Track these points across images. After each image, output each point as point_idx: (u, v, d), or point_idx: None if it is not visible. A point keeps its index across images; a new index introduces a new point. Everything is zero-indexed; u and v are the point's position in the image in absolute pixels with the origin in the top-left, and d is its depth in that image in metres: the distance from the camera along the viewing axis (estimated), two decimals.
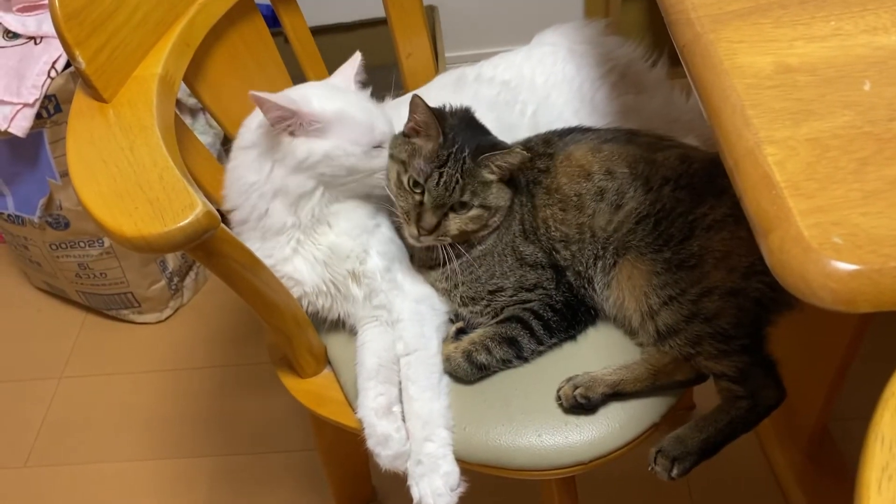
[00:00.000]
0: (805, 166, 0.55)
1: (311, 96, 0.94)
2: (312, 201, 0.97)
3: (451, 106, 0.99)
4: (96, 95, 0.87)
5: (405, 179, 0.94)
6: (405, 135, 0.97)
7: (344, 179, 0.96)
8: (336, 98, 0.96)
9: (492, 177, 0.94)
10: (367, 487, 1.43)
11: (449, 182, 0.91)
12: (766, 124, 0.58)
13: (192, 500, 1.51)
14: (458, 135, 0.94)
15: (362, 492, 1.43)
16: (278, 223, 0.97)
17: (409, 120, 0.96)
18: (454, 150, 0.92)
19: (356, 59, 1.04)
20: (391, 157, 0.97)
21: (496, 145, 0.95)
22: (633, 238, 0.93)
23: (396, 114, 1.14)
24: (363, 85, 1.04)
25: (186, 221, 0.72)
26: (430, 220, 0.92)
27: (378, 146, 0.97)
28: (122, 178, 0.77)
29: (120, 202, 0.75)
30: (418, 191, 0.93)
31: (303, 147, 0.93)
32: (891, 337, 1.29)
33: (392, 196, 0.96)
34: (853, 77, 0.61)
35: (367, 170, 0.97)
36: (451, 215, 0.93)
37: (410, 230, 0.94)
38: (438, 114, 0.94)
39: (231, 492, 1.51)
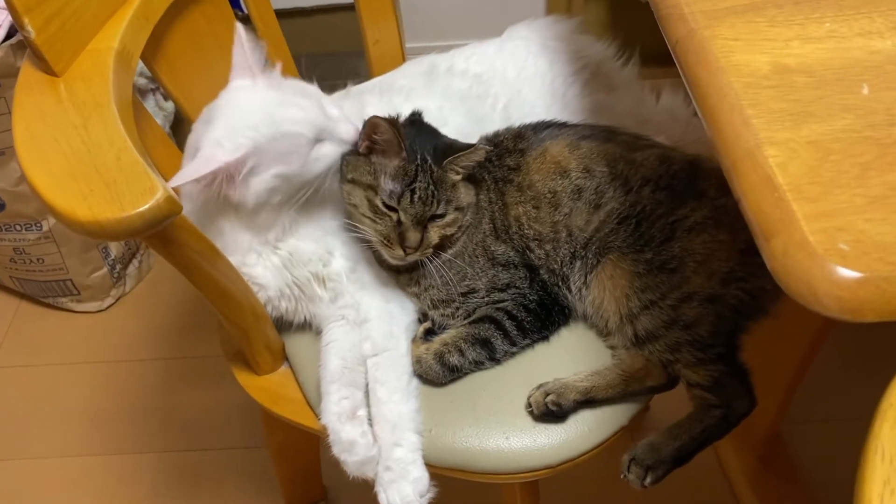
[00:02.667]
0: (808, 169, 0.53)
1: (222, 140, 0.86)
2: (281, 222, 0.93)
3: (399, 114, 0.95)
4: (46, 68, 0.81)
5: (378, 203, 0.89)
6: (360, 153, 0.92)
7: (305, 189, 0.91)
8: (244, 126, 0.87)
9: (457, 178, 0.92)
10: (317, 487, 1.39)
11: (425, 197, 0.88)
12: (766, 125, 0.57)
13: (132, 498, 1.45)
14: (415, 143, 0.90)
15: (313, 491, 1.39)
16: (245, 247, 0.93)
17: (365, 138, 0.91)
18: (419, 162, 0.88)
19: (241, 37, 0.92)
20: (352, 181, 0.91)
21: (453, 146, 0.92)
22: (616, 238, 0.92)
23: (358, 101, 1.10)
24: (267, 60, 0.96)
25: (146, 207, 0.67)
26: (413, 237, 0.88)
27: (318, 141, 0.90)
28: (76, 158, 0.72)
29: (73, 184, 0.69)
30: (393, 212, 0.89)
31: (246, 193, 0.87)
32: (838, 347, 1.32)
33: (360, 224, 0.91)
34: (851, 80, 0.60)
35: (319, 172, 0.91)
36: (430, 226, 0.90)
37: (395, 252, 0.90)
38: (395, 126, 0.90)
39: (174, 490, 1.46)
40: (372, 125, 0.89)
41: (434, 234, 0.90)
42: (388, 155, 0.90)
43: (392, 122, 0.89)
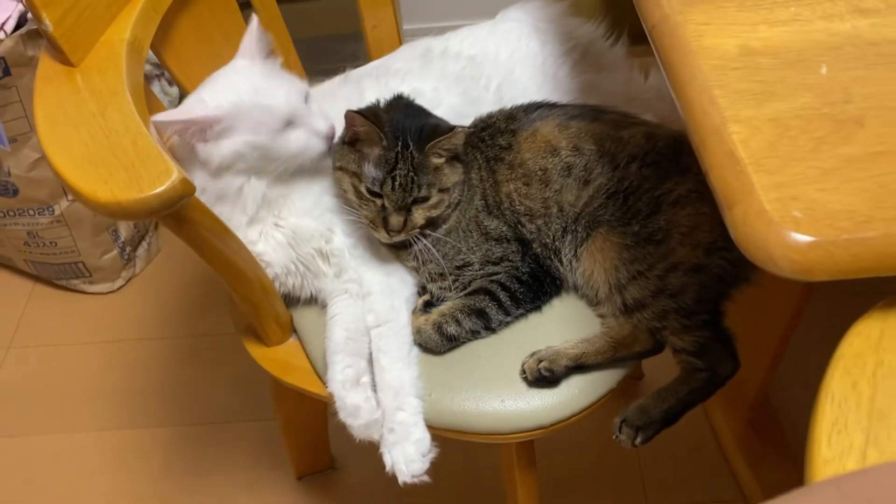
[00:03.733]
0: (767, 144, 0.58)
1: (205, 98, 0.93)
2: (251, 193, 0.97)
3: (383, 100, 1.00)
4: (64, 59, 0.85)
5: (363, 189, 0.94)
6: (347, 142, 0.97)
7: (271, 167, 0.96)
8: (229, 90, 0.94)
9: (440, 161, 0.95)
10: (325, 455, 1.44)
11: (405, 183, 0.92)
12: (732, 104, 0.61)
13: (146, 470, 1.51)
14: (398, 129, 0.93)
15: (321, 460, 1.45)
16: (233, 224, 0.96)
17: (347, 130, 0.96)
18: (399, 148, 0.92)
19: (253, 27, 1.00)
20: (340, 169, 0.97)
21: (437, 127, 0.95)
22: (605, 213, 0.96)
23: (356, 86, 1.14)
24: (272, 52, 1.02)
25: (163, 188, 0.72)
26: (396, 220, 0.93)
27: (290, 124, 0.95)
28: (95, 144, 0.77)
29: (94, 168, 0.74)
30: (377, 197, 0.94)
31: (214, 152, 0.92)
32: (827, 311, 1.36)
33: (350, 207, 0.97)
34: (811, 61, 0.65)
35: (286, 153, 0.96)
36: (415, 208, 0.94)
37: (380, 234, 0.95)
38: (374, 116, 0.94)
39: (187, 462, 1.51)
40: (349, 118, 0.94)
41: (419, 217, 0.95)
42: (370, 144, 0.94)
43: (369, 113, 0.94)
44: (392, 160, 0.93)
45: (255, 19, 1.00)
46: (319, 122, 0.98)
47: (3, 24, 1.44)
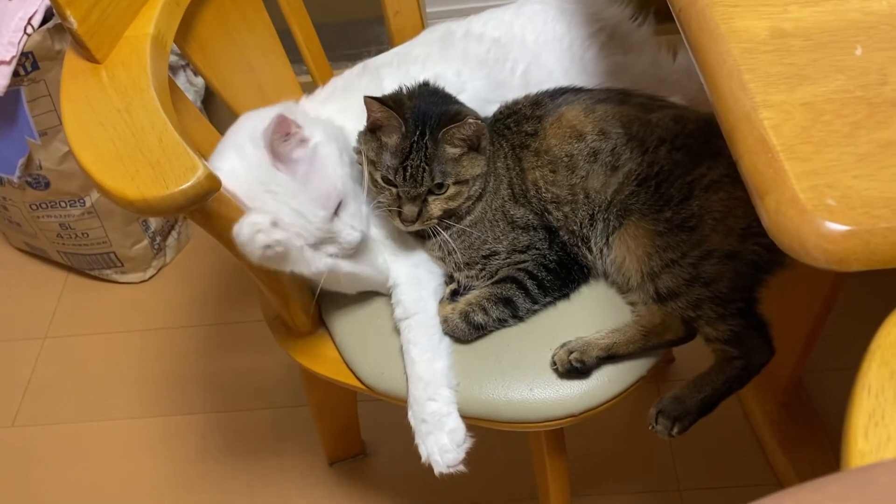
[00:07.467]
0: (800, 130, 0.57)
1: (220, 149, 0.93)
2: None
3: (407, 87, 0.98)
4: (89, 56, 0.86)
5: (378, 178, 0.94)
6: (369, 130, 0.96)
7: None
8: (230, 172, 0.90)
9: (457, 151, 0.93)
10: (356, 441, 1.46)
11: (416, 174, 0.91)
12: (762, 89, 0.60)
13: (182, 456, 1.53)
14: (419, 116, 0.92)
15: (352, 445, 1.46)
16: None
17: (368, 117, 0.95)
18: (416, 138, 0.91)
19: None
20: (360, 153, 0.96)
21: (457, 114, 0.93)
22: (636, 201, 0.94)
23: (375, 76, 1.13)
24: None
25: (189, 184, 0.73)
26: (410, 210, 0.93)
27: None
28: (121, 141, 0.77)
29: (121, 165, 0.75)
30: (392, 185, 0.93)
31: None
32: (861, 294, 1.34)
33: (370, 194, 0.97)
34: (845, 42, 0.63)
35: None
36: (431, 198, 0.93)
37: (397, 222, 0.95)
38: (395, 102, 0.93)
39: (222, 448, 1.54)
40: (367, 104, 0.93)
41: (435, 207, 0.94)
42: (390, 131, 0.93)
43: (389, 100, 0.93)
44: (406, 150, 0.92)
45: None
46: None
47: (31, 18, 1.45)
